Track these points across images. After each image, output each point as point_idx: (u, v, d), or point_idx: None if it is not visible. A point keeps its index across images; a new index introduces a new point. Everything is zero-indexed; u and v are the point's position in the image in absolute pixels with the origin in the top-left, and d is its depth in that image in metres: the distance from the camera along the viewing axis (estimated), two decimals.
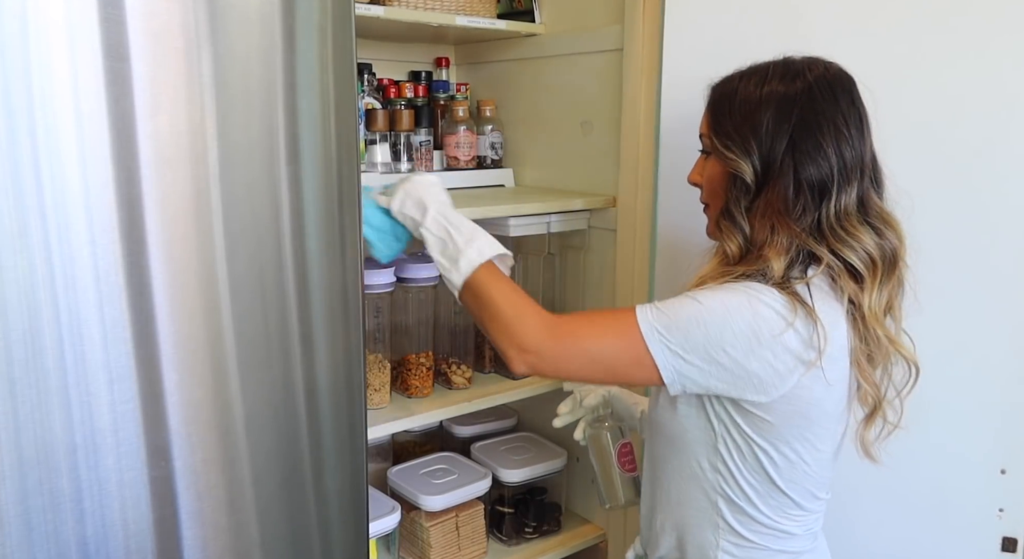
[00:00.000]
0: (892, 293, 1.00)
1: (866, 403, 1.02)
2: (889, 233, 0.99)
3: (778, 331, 0.92)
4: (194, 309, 0.82)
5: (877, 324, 0.97)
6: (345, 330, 0.94)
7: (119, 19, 0.73)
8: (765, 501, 1.02)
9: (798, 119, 0.97)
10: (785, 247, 0.96)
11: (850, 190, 0.97)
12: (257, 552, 0.91)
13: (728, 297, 0.94)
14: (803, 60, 1.02)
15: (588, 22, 1.57)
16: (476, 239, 1.04)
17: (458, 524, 1.48)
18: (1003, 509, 1.23)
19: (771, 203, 0.98)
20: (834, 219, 0.96)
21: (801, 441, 0.99)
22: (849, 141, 0.97)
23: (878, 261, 0.97)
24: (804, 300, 0.93)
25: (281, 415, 0.90)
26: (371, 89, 1.59)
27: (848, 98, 0.99)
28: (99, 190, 0.74)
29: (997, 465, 1.23)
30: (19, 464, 0.74)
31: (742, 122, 1.00)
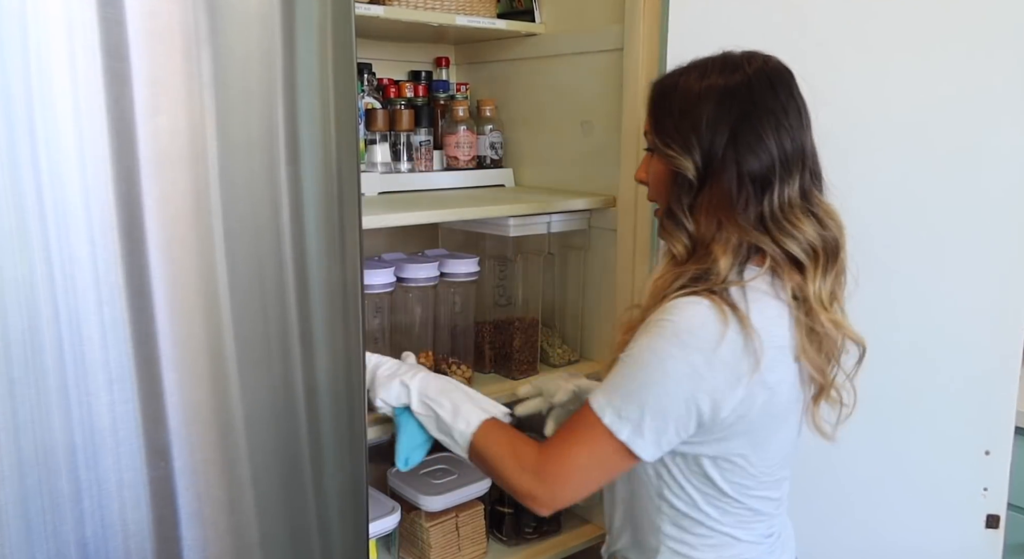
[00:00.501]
0: (835, 281, 1.00)
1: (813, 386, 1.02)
2: (830, 223, 0.99)
3: (711, 348, 0.91)
4: (194, 309, 0.82)
5: (823, 311, 0.97)
6: (345, 330, 0.94)
7: (119, 19, 0.73)
8: (712, 505, 1.01)
9: (738, 112, 0.97)
10: (732, 242, 0.95)
11: (792, 182, 0.97)
12: (257, 552, 0.91)
13: (658, 349, 0.93)
14: (742, 54, 1.02)
15: (588, 22, 1.57)
16: (460, 411, 1.09)
17: (458, 524, 1.48)
18: (987, 488, 1.30)
19: (715, 199, 0.97)
20: (778, 211, 0.96)
21: (746, 446, 0.98)
22: (789, 132, 0.97)
23: (820, 251, 0.97)
24: (736, 307, 0.92)
25: (281, 415, 0.90)
26: (371, 89, 1.59)
27: (787, 90, 0.99)
28: (99, 190, 0.74)
29: (981, 447, 1.28)
30: (18, 464, 0.74)
31: (682, 118, 0.99)
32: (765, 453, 1.00)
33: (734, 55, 1.02)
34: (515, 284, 1.59)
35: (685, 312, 0.92)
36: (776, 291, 0.96)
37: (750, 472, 1.00)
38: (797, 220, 0.96)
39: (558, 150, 1.66)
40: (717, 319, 0.91)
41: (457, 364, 1.48)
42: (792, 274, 0.96)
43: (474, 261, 1.46)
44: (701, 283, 0.95)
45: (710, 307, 0.92)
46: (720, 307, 0.91)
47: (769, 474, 1.03)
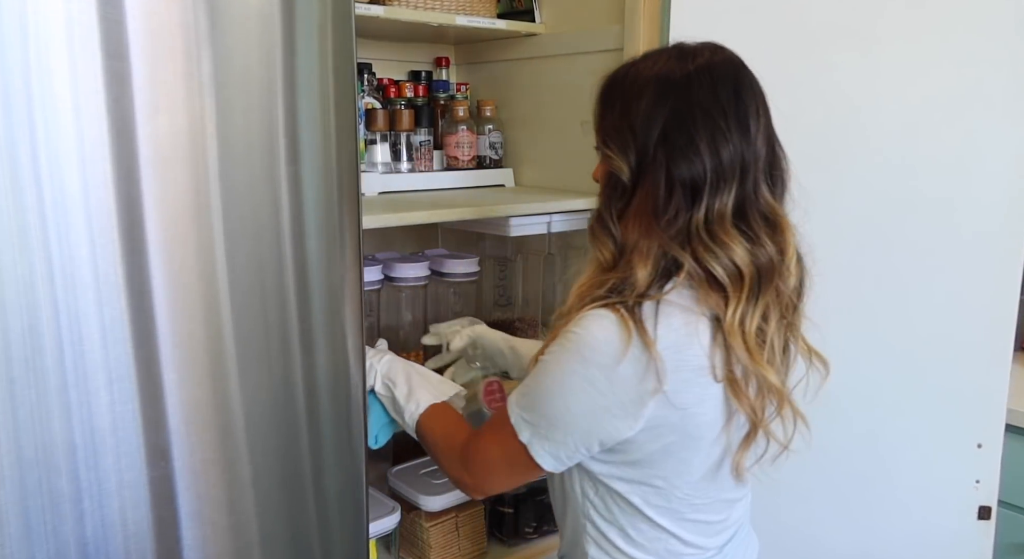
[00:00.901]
0: (770, 308, 0.89)
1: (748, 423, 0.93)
2: (768, 242, 0.89)
3: (611, 365, 0.86)
4: (194, 309, 0.82)
5: (737, 341, 0.87)
6: (345, 330, 0.94)
7: (119, 19, 0.73)
8: (637, 531, 0.96)
9: (671, 110, 0.89)
10: (653, 253, 0.88)
11: (725, 193, 0.87)
12: (257, 552, 0.91)
13: (561, 360, 0.89)
14: (694, 46, 0.94)
15: (588, 22, 1.57)
16: (413, 393, 1.12)
17: (458, 524, 1.48)
18: (979, 480, 1.33)
19: (643, 204, 0.90)
20: (703, 224, 0.87)
21: (665, 468, 0.92)
22: (727, 137, 0.87)
23: (745, 273, 0.87)
24: (643, 324, 0.85)
25: (281, 415, 0.90)
26: (371, 89, 1.59)
27: (730, 90, 0.89)
28: (99, 190, 0.74)
29: (974, 440, 1.32)
30: (18, 464, 0.74)
31: (621, 116, 0.92)
32: (689, 475, 0.94)
33: (686, 47, 0.94)
34: (515, 284, 1.59)
35: (590, 326, 0.87)
36: (700, 307, 0.88)
37: (676, 495, 0.94)
38: (725, 234, 0.87)
39: (558, 150, 1.66)
40: (620, 336, 0.85)
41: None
42: (711, 293, 0.88)
43: (474, 261, 1.46)
44: (619, 294, 0.88)
45: (615, 322, 0.86)
46: (625, 323, 0.85)
47: (701, 496, 0.96)
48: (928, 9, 1.23)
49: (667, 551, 0.97)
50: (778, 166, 0.93)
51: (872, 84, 1.26)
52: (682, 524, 0.96)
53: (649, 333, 0.85)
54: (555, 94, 1.65)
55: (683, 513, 0.95)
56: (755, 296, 0.88)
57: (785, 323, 0.93)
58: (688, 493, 0.94)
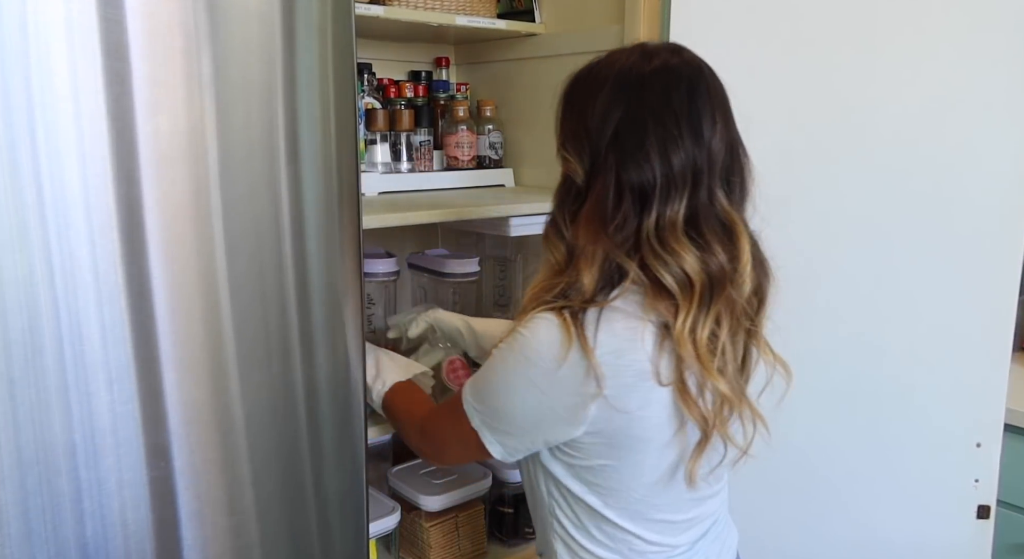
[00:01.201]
0: (722, 315, 0.88)
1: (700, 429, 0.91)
2: (720, 250, 0.87)
3: (552, 368, 0.86)
4: (194, 309, 0.82)
5: (687, 349, 0.86)
6: (345, 330, 0.94)
7: (119, 19, 0.73)
8: (600, 530, 0.96)
9: (624, 113, 0.88)
10: (599, 259, 0.88)
11: (676, 200, 0.86)
12: (257, 552, 0.91)
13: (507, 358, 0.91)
14: (654, 47, 0.92)
15: (588, 22, 1.57)
16: (380, 373, 1.16)
17: (458, 524, 1.48)
18: (978, 480, 1.33)
19: (593, 208, 0.89)
20: (653, 231, 0.86)
21: (619, 471, 0.92)
22: (678, 143, 0.86)
23: (695, 281, 0.86)
24: (584, 329, 0.86)
25: (281, 415, 0.90)
26: (371, 89, 1.59)
27: (684, 94, 0.88)
28: (99, 190, 0.74)
29: (973, 439, 1.32)
30: (18, 464, 0.74)
31: (578, 117, 0.92)
32: (643, 477, 0.93)
33: (647, 47, 0.92)
34: (515, 284, 1.59)
35: (535, 329, 0.88)
36: (647, 313, 0.87)
37: (633, 497, 0.94)
38: (676, 242, 0.86)
39: None
40: (561, 340, 0.86)
41: None
42: (659, 300, 0.87)
43: (474, 261, 1.46)
44: (566, 299, 0.88)
45: (558, 327, 0.86)
46: (567, 328, 0.86)
47: (660, 497, 0.95)
48: (927, 9, 1.23)
49: (631, 550, 0.97)
50: (738, 172, 0.92)
51: (871, 84, 1.26)
52: (644, 524, 0.96)
53: (589, 339, 0.85)
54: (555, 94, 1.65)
55: (644, 513, 0.95)
56: (706, 304, 0.87)
57: (744, 330, 0.92)
58: (645, 494, 0.94)
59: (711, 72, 0.92)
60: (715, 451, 0.94)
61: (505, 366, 0.91)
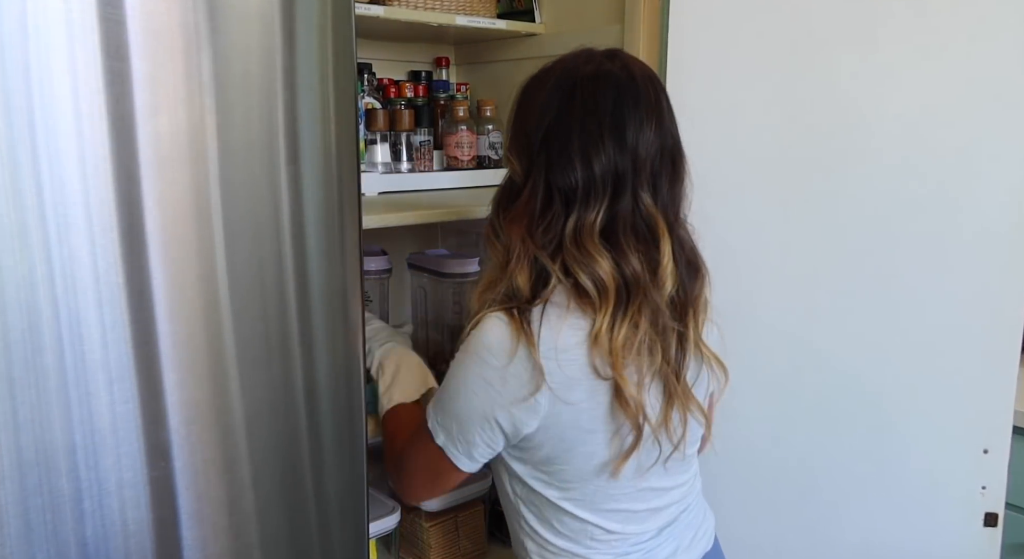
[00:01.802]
0: (640, 317, 0.90)
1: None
2: (635, 255, 0.90)
3: (503, 364, 0.91)
4: (194, 309, 0.82)
5: (602, 350, 0.89)
6: (345, 330, 0.94)
7: (119, 19, 0.73)
8: (561, 523, 0.99)
9: (553, 117, 0.91)
10: (526, 260, 0.91)
11: (595, 206, 0.89)
12: (257, 553, 0.91)
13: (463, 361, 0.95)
14: (593, 52, 0.95)
15: (588, 22, 1.57)
16: (389, 390, 1.16)
17: (458, 524, 1.48)
18: (986, 487, 1.30)
19: (523, 209, 0.92)
20: (571, 235, 0.89)
21: (569, 461, 0.96)
22: (600, 148, 0.88)
23: (608, 286, 0.89)
24: (529, 326, 0.89)
25: (281, 415, 0.90)
26: (371, 89, 1.59)
27: (611, 99, 0.90)
28: (99, 190, 0.74)
29: (980, 445, 1.29)
30: (18, 464, 0.74)
31: (520, 119, 0.95)
32: (593, 467, 0.96)
33: (589, 53, 0.95)
34: None
35: (486, 328, 0.92)
36: (580, 310, 0.91)
37: (587, 489, 0.97)
38: (593, 249, 0.89)
39: None
40: (510, 337, 0.90)
41: None
42: (582, 300, 0.90)
43: (474, 261, 1.46)
44: (512, 299, 0.92)
45: (506, 325, 0.91)
46: (515, 325, 0.90)
47: (616, 488, 0.98)
48: (931, 7, 1.21)
49: (593, 540, 1.00)
50: (670, 173, 0.94)
51: (874, 84, 1.25)
52: (602, 514, 0.99)
53: (534, 335, 0.89)
54: None
55: (600, 504, 0.98)
56: (622, 307, 0.89)
57: (673, 330, 0.94)
58: (599, 485, 0.97)
59: (645, 76, 0.94)
60: (652, 447, 0.96)
61: (462, 368, 0.95)
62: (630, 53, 1.44)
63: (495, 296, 0.94)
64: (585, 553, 1.00)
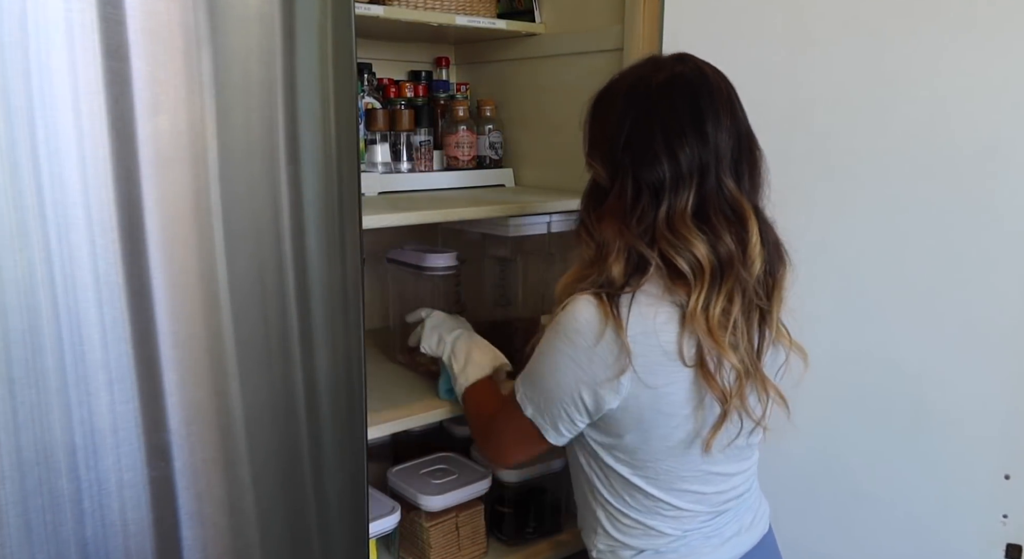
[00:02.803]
0: (734, 293, 0.97)
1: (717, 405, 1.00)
2: (728, 235, 0.96)
3: (591, 344, 0.96)
4: (194, 309, 0.82)
5: (700, 324, 0.95)
6: (345, 330, 0.94)
7: (119, 19, 0.73)
8: (633, 498, 1.06)
9: (633, 117, 0.98)
10: (623, 251, 0.97)
11: (684, 193, 0.96)
12: (257, 552, 0.91)
13: (551, 339, 1.01)
14: (662, 59, 1.03)
15: (588, 22, 1.57)
16: (466, 369, 1.25)
17: (458, 524, 1.48)
18: (1007, 515, 1.20)
19: (615, 206, 0.99)
20: (664, 222, 0.96)
21: (646, 441, 1.02)
22: (683, 142, 0.96)
23: (705, 265, 0.95)
24: (619, 310, 0.95)
25: (281, 415, 0.90)
26: (371, 89, 1.59)
27: (687, 98, 0.98)
28: (99, 190, 0.74)
29: (1001, 470, 1.19)
30: (19, 464, 0.74)
31: (600, 127, 1.03)
32: (667, 448, 1.02)
33: (657, 60, 1.03)
34: (514, 284, 1.59)
35: (575, 310, 0.98)
36: (671, 297, 0.97)
37: (660, 468, 1.04)
38: (687, 232, 0.95)
39: (558, 150, 1.66)
40: (599, 319, 0.96)
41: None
42: (677, 284, 0.96)
43: (452, 255, 1.47)
44: (600, 287, 0.98)
45: (595, 306, 0.96)
46: (604, 308, 0.96)
47: (687, 469, 1.04)
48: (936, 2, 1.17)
49: (662, 515, 1.07)
50: (747, 161, 1.00)
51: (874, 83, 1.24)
52: (673, 493, 1.05)
53: (622, 320, 0.95)
54: (555, 94, 1.65)
55: (672, 484, 1.05)
56: (717, 284, 0.96)
57: (757, 309, 1.00)
58: (673, 466, 1.04)
59: (716, 74, 1.01)
60: (732, 425, 1.02)
61: (551, 348, 1.01)
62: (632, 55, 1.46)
63: (585, 285, 1.00)
64: (655, 525, 1.07)
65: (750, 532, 1.13)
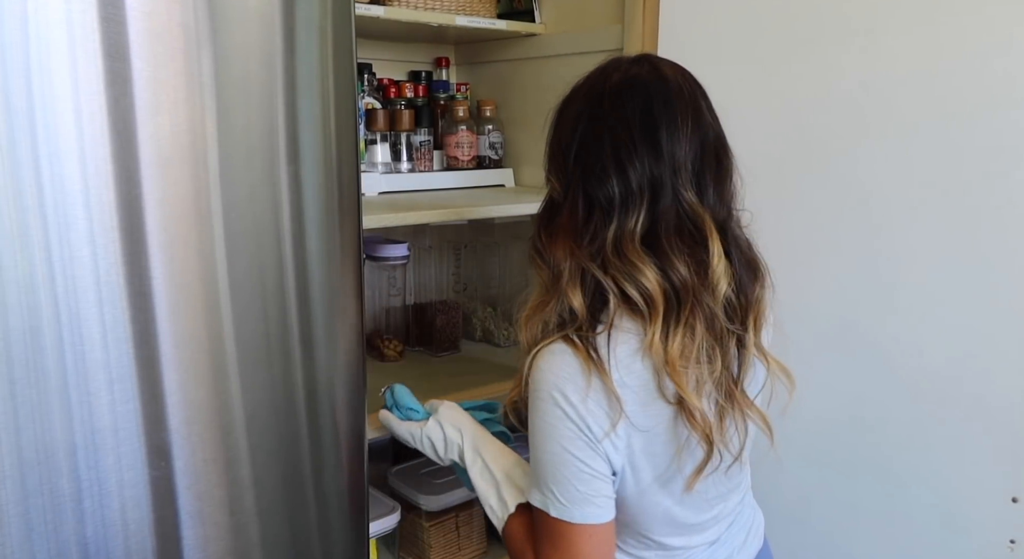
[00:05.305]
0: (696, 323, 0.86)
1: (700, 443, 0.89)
2: (681, 260, 0.85)
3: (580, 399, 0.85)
4: (194, 309, 0.82)
5: (658, 360, 0.85)
6: (345, 330, 0.94)
7: (119, 19, 0.73)
8: (624, 540, 0.97)
9: (584, 130, 0.89)
10: (575, 274, 0.87)
11: (634, 213, 0.86)
12: (257, 552, 0.91)
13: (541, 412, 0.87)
14: (620, 61, 0.92)
15: (588, 22, 1.57)
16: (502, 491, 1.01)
17: (458, 524, 1.48)
18: (1015, 541, 1.14)
19: (565, 225, 0.89)
20: (611, 245, 0.86)
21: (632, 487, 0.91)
22: (633, 156, 0.86)
23: (656, 297, 0.84)
24: (599, 353, 0.84)
25: (281, 415, 0.90)
26: (371, 89, 1.59)
27: (639, 106, 0.87)
28: (99, 190, 0.74)
29: (1007, 493, 1.13)
30: (19, 464, 0.74)
31: (555, 136, 0.93)
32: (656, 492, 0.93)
33: (617, 62, 0.92)
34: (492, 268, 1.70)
35: (552, 366, 0.86)
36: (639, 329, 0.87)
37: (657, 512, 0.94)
38: (635, 258, 0.85)
39: None
40: (581, 370, 0.85)
41: (389, 340, 1.64)
42: (634, 314, 0.86)
43: (404, 246, 1.48)
44: (565, 326, 0.87)
45: (573, 356, 0.85)
46: (582, 355, 0.85)
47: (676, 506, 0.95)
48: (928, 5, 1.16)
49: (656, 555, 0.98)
50: (715, 171, 0.90)
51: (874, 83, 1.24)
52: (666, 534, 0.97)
53: (604, 363, 0.84)
54: (555, 94, 1.63)
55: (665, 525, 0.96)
56: (674, 313, 0.85)
57: (732, 335, 0.89)
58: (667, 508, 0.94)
59: (679, 75, 0.91)
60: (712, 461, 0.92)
61: (546, 426, 0.88)
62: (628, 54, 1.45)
63: (546, 319, 0.89)
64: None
65: (743, 552, 1.05)
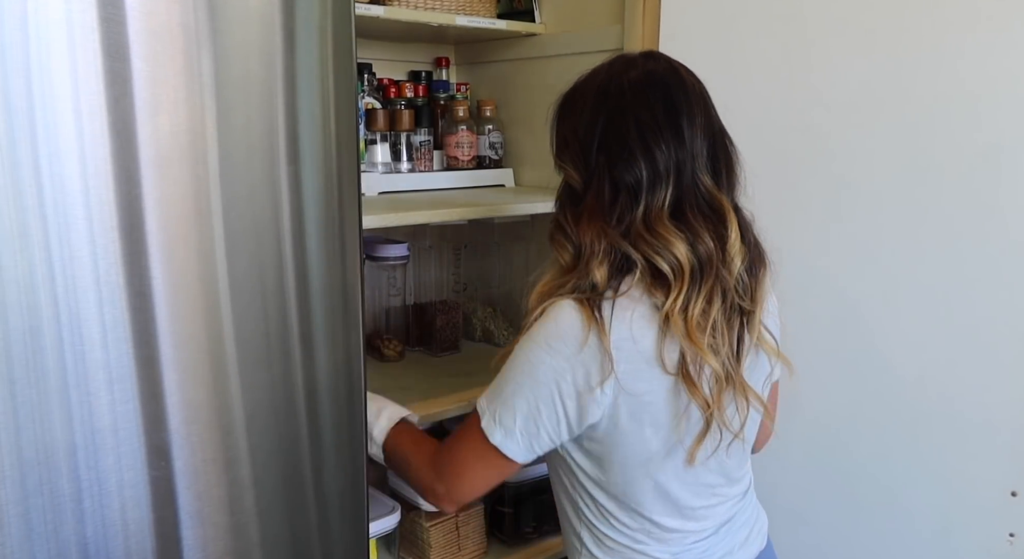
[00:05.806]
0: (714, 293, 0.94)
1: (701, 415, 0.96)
2: (706, 233, 0.94)
3: (574, 351, 0.92)
4: (194, 309, 0.82)
5: (677, 324, 0.92)
6: (345, 330, 0.94)
7: (119, 19, 0.73)
8: (617, 518, 1.02)
9: (607, 120, 0.96)
10: (605, 253, 0.94)
11: (660, 192, 0.94)
12: (257, 552, 0.91)
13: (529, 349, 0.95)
14: (632, 57, 1.01)
15: (588, 22, 1.57)
16: (380, 415, 1.12)
17: (458, 524, 1.48)
18: (1014, 534, 1.15)
19: (593, 207, 0.96)
20: (642, 222, 0.94)
21: (626, 456, 0.98)
22: (658, 141, 0.94)
23: (684, 264, 0.92)
24: (601, 313, 0.92)
25: (281, 415, 0.90)
26: (371, 89, 1.59)
27: (660, 96, 0.96)
28: (99, 190, 0.74)
29: (1007, 487, 1.14)
30: (19, 464, 0.74)
31: (570, 128, 1.00)
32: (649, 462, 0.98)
33: (627, 58, 1.01)
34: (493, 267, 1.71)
35: (556, 315, 0.94)
36: (652, 300, 0.94)
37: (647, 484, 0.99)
38: (665, 231, 0.93)
39: None
40: (581, 324, 0.92)
41: (389, 340, 1.65)
42: (657, 285, 0.94)
43: (403, 246, 1.49)
44: (580, 292, 0.95)
45: (577, 311, 0.93)
46: (586, 312, 0.92)
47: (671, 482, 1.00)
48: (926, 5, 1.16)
49: (649, 536, 1.03)
50: (723, 158, 0.98)
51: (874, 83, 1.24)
52: (660, 511, 1.01)
53: (605, 324, 0.92)
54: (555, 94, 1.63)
55: (658, 502, 1.01)
56: (697, 284, 0.93)
57: (738, 309, 0.97)
58: (659, 481, 1.00)
59: (688, 72, 1.00)
60: (713, 435, 0.98)
61: (528, 361, 0.96)
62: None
63: (561, 292, 0.96)
64: (641, 548, 1.03)
65: (744, 550, 1.09)
